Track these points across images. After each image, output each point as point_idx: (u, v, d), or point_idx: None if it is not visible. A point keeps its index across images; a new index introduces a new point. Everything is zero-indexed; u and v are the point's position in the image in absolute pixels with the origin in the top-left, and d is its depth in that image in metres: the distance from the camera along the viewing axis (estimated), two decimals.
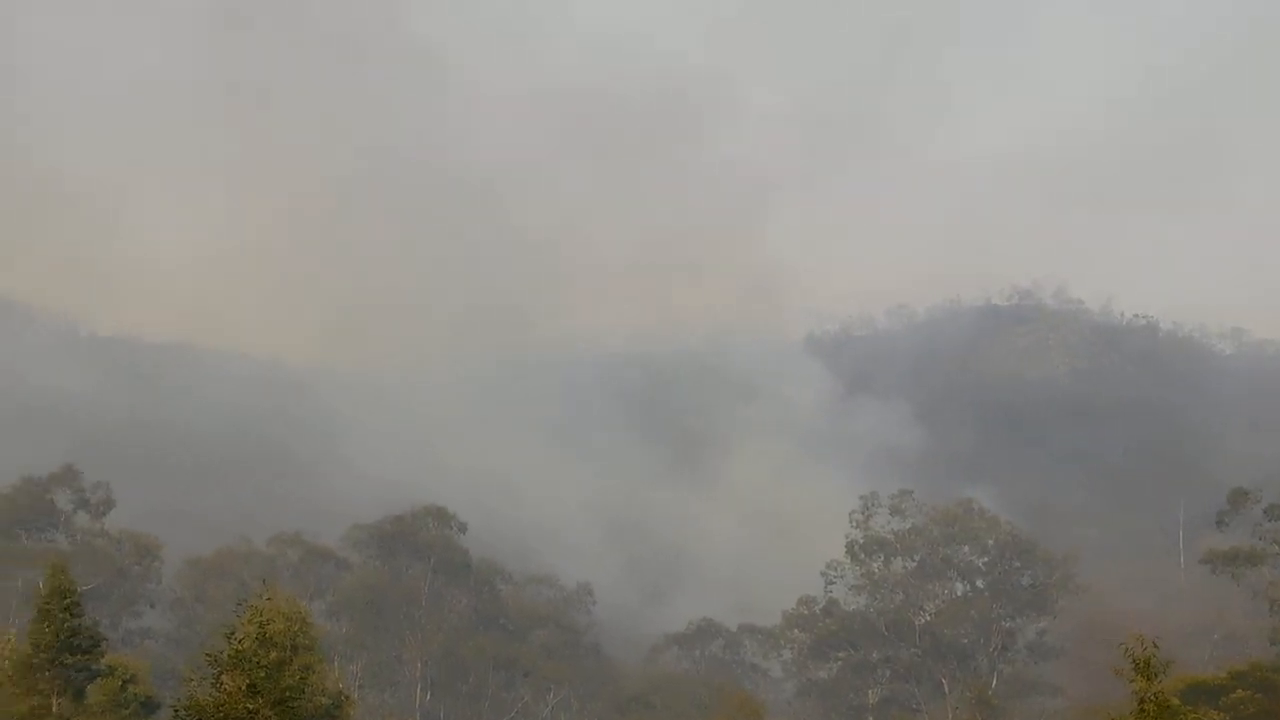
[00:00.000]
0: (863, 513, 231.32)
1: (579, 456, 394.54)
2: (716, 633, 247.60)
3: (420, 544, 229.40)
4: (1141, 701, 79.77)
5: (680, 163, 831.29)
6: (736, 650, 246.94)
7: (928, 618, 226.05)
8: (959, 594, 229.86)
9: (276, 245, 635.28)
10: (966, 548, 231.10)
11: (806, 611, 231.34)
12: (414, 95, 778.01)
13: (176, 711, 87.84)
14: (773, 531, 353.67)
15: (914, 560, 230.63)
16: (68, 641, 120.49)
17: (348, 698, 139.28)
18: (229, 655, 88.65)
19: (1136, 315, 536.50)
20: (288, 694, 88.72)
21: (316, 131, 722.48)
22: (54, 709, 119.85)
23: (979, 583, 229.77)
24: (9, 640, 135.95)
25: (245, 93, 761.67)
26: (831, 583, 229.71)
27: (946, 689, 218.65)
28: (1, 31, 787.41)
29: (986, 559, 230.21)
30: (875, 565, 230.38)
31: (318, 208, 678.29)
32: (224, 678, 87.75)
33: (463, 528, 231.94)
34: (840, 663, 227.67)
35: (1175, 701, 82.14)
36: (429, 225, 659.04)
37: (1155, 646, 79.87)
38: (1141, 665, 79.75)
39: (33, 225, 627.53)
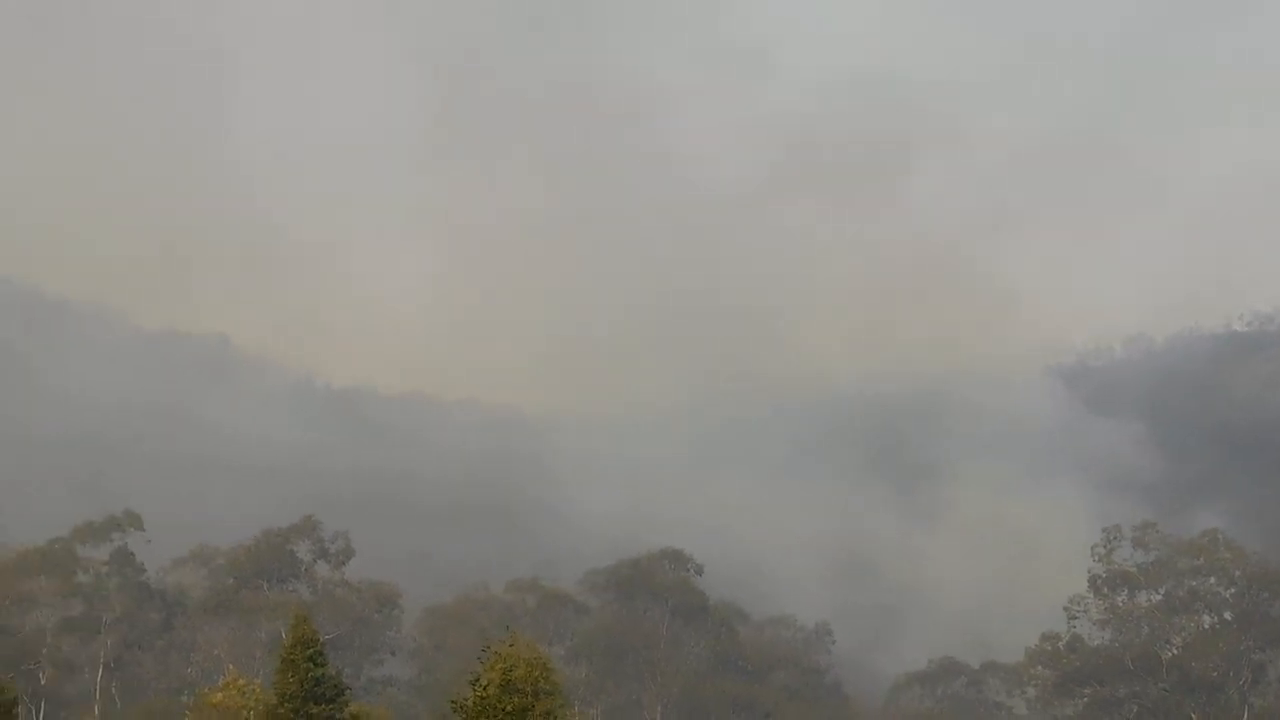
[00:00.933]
0: (1105, 546, 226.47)
1: (806, 494, 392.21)
2: (958, 670, 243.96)
3: (657, 587, 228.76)
4: None
5: (904, 192, 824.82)
6: (979, 688, 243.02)
7: (1175, 651, 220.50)
8: (1206, 627, 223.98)
9: (501, 293, 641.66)
10: (1213, 579, 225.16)
11: (1050, 648, 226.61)
12: (635, 132, 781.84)
13: None
14: (1008, 564, 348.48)
15: (1159, 593, 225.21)
16: (312, 690, 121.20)
17: None
18: (474, 702, 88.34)
19: None
20: None
21: (539, 179, 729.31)
22: None
23: (1227, 615, 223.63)
24: (255, 690, 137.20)
25: (460, 143, 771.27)
26: (1074, 617, 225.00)
27: None
28: (227, 94, 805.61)
29: (1234, 590, 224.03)
30: (1119, 599, 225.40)
31: (541, 255, 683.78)
32: None
33: (699, 570, 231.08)
34: (1086, 699, 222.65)
35: None
36: (651, 265, 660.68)
37: None
38: None
39: (269, 280, 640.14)
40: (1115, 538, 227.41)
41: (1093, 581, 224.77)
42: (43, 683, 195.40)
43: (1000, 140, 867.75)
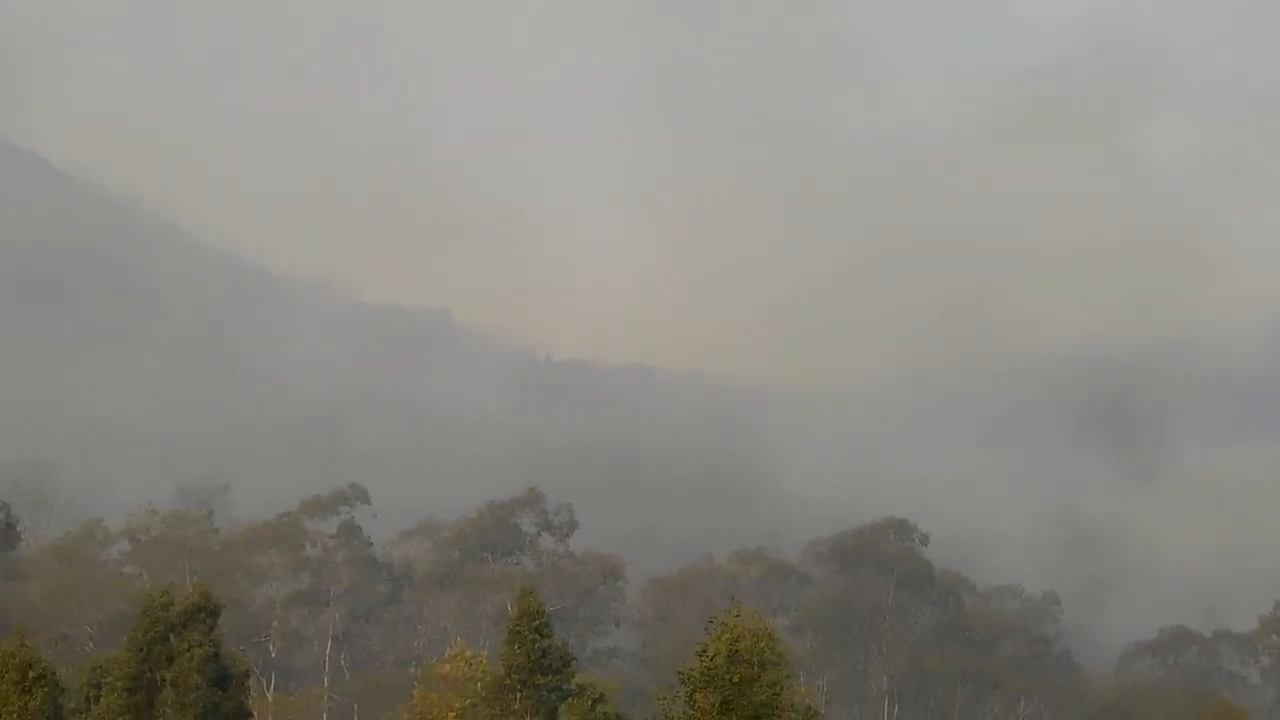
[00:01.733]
0: None
1: (1026, 459, 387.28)
2: (1190, 640, 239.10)
3: (882, 557, 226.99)
4: None
5: (1128, 145, 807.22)
6: (1211, 657, 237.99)
7: None
8: None
9: (716, 263, 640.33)
10: None
11: None
12: (848, 93, 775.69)
13: None
14: (1235, 528, 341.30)
15: None
16: (539, 662, 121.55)
17: (817, 713, 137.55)
18: (700, 672, 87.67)
19: None
20: (760, 711, 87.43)
21: (753, 145, 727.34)
22: None
23: None
24: (481, 661, 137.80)
25: (673, 111, 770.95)
26: None
27: None
28: (439, 71, 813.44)
29: None
30: None
31: (756, 222, 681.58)
32: (696, 696, 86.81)
33: (924, 539, 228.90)
34: None
35: None
36: (867, 229, 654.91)
37: None
38: None
39: (489, 254, 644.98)
40: None
41: None
42: (273, 655, 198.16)
43: (1230, 92, 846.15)
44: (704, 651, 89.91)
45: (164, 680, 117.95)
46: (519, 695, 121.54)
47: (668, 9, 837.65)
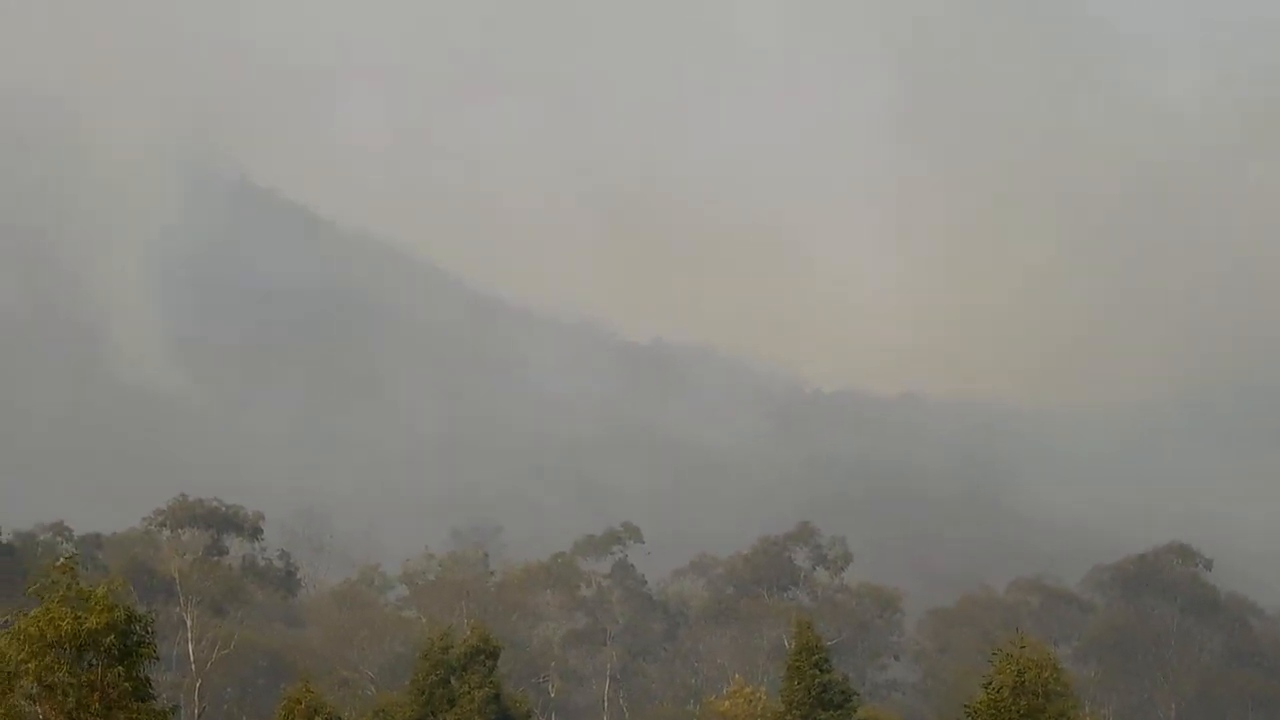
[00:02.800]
0: None
1: None
2: None
3: (1165, 582, 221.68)
4: None
5: None
6: None
7: None
8: None
9: (973, 285, 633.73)
10: None
11: None
12: (1104, 94, 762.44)
13: None
14: None
15: None
16: (820, 697, 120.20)
17: None
18: (985, 704, 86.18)
19: None
20: None
21: (1001, 160, 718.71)
22: None
23: None
24: (761, 697, 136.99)
25: (920, 144, 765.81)
26: None
27: None
28: (687, 104, 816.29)
29: None
30: None
31: (1014, 242, 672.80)
32: None
33: (1208, 564, 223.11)
34: None
35: None
36: (1128, 244, 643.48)
37: None
38: None
39: (751, 285, 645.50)
40: None
41: None
42: (552, 695, 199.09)
43: None
44: (989, 683, 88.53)
45: None
46: None
47: (913, 16, 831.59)
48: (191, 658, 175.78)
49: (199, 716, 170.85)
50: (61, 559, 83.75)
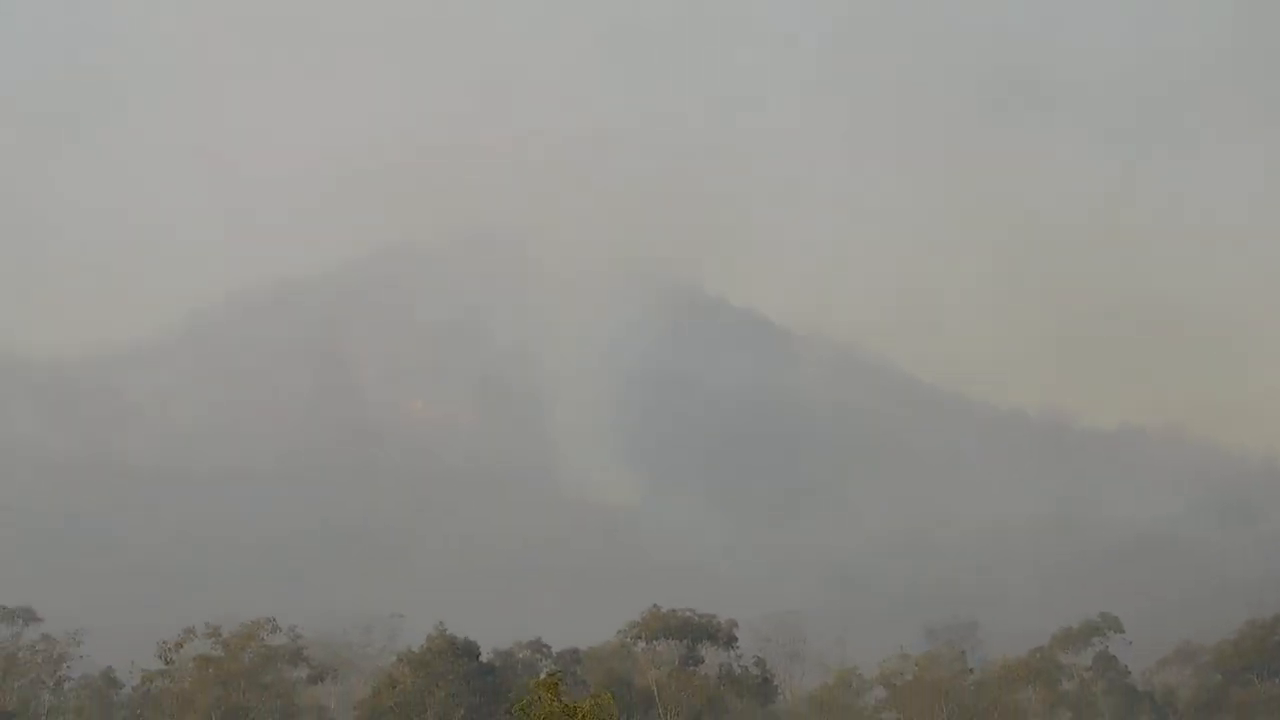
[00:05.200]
0: None
1: None
2: None
3: None
4: None
5: None
6: None
7: None
8: None
9: None
10: None
11: None
12: None
13: None
14: None
15: None
16: None
17: None
18: None
19: None
20: None
21: None
22: None
23: None
24: None
25: None
26: None
27: None
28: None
29: None
30: None
31: None
32: None
33: None
34: None
35: None
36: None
37: None
38: None
39: (1172, 363, 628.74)
40: None
41: None
42: None
43: None
44: None
45: None
46: None
47: None
48: None
49: None
50: (544, 674, 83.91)
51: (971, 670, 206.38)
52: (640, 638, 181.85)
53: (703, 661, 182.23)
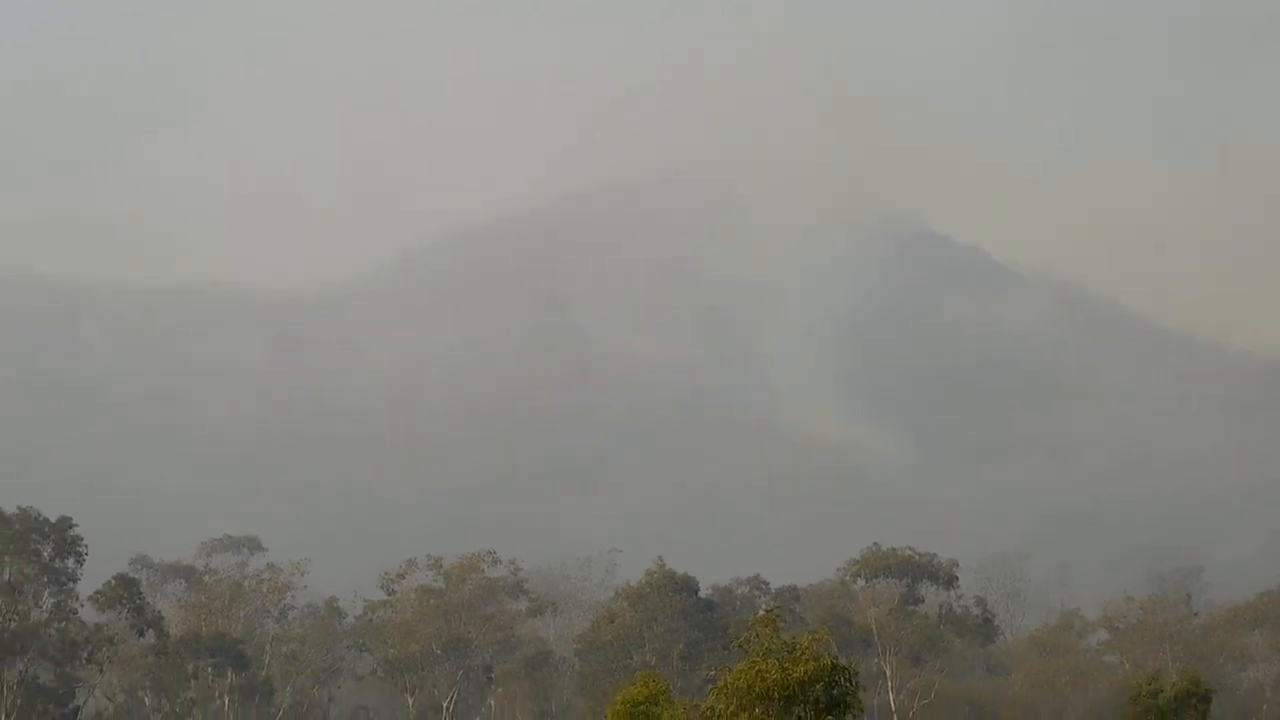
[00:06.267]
0: None
1: None
2: None
3: None
4: None
5: None
6: None
7: None
8: None
9: None
10: None
11: None
12: None
13: None
14: None
15: None
16: None
17: None
18: None
19: None
20: None
21: None
22: None
23: None
24: None
25: None
26: None
27: None
28: None
29: None
30: None
31: None
32: None
33: None
34: None
35: None
36: None
37: None
38: None
39: None
40: None
41: None
42: None
43: None
44: None
45: None
46: None
47: None
48: (893, 708, 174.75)
49: None
50: (762, 610, 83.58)
51: (1196, 614, 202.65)
52: (860, 576, 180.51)
53: (923, 601, 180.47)
